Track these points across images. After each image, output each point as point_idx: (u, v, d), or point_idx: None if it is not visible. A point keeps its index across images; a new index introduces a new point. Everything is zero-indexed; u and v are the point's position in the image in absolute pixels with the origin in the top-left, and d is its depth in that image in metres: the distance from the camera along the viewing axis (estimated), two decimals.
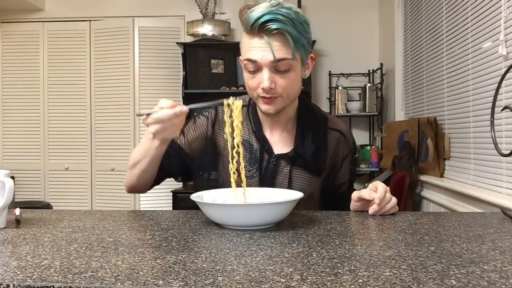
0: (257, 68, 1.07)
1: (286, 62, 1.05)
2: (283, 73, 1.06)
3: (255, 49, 1.04)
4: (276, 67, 1.05)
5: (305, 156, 1.17)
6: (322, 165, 1.21)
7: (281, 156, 1.18)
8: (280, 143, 1.20)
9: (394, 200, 1.05)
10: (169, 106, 0.96)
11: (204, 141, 1.22)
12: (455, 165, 2.39)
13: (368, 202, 1.06)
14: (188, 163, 1.22)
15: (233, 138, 1.02)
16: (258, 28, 1.02)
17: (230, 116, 1.03)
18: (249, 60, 1.06)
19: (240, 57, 1.14)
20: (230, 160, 1.01)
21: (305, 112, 1.23)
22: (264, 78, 1.05)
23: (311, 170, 1.19)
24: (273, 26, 1.01)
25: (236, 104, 1.03)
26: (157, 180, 1.21)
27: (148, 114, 0.96)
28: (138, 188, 1.21)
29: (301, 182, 1.18)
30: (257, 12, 1.03)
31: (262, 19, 1.01)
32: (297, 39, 1.04)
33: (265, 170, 1.18)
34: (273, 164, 1.18)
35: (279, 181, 1.17)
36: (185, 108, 0.97)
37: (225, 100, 1.04)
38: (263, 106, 1.11)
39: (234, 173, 1.00)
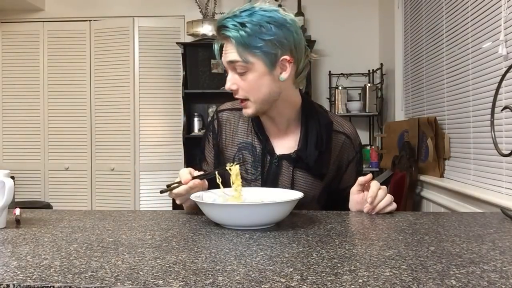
0: (226, 69, 1.14)
1: (239, 65, 1.09)
2: (241, 75, 1.11)
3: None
4: (234, 68, 1.11)
5: (307, 161, 1.16)
6: (325, 170, 1.20)
7: (283, 157, 1.18)
8: (282, 143, 1.20)
9: (388, 197, 1.05)
10: (184, 181, 1.04)
11: (213, 152, 1.29)
12: (455, 165, 2.39)
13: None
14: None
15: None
16: (217, 34, 1.13)
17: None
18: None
19: None
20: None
21: (309, 113, 1.22)
22: (227, 79, 1.13)
23: (313, 174, 1.18)
24: (222, 31, 1.10)
25: (233, 170, 1.05)
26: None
27: (171, 189, 1.06)
28: None
29: (303, 184, 1.18)
30: (220, 18, 1.12)
31: (217, 25, 1.11)
32: (245, 42, 1.06)
33: (267, 172, 1.18)
34: (275, 165, 1.18)
35: (282, 183, 1.17)
36: (197, 181, 1.05)
37: (227, 165, 1.07)
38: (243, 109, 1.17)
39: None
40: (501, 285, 0.57)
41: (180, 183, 1.05)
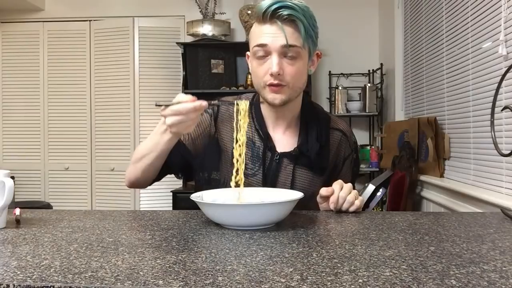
0: (266, 53, 1.09)
1: (295, 49, 1.08)
2: (292, 60, 1.09)
3: (266, 35, 1.08)
4: (285, 53, 1.08)
5: (309, 154, 1.17)
6: (325, 164, 1.21)
7: (284, 155, 1.18)
8: (283, 141, 1.20)
9: (350, 197, 1.05)
10: (189, 100, 0.97)
11: (208, 138, 1.21)
12: (455, 165, 2.39)
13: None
14: (190, 160, 1.21)
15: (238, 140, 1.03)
16: (270, 15, 1.06)
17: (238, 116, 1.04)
18: (259, 45, 1.09)
19: (248, 52, 1.16)
20: (235, 162, 1.01)
21: (309, 111, 1.23)
22: (273, 63, 1.07)
23: (314, 169, 1.19)
24: (285, 12, 1.05)
25: (241, 105, 1.04)
26: (159, 176, 1.20)
27: (167, 106, 0.96)
28: (139, 182, 1.20)
29: (303, 181, 1.18)
30: (268, 0, 1.07)
31: (275, 6, 1.05)
32: (307, 28, 1.08)
33: (268, 169, 1.18)
34: (276, 162, 1.18)
35: (281, 180, 1.17)
36: (205, 103, 0.97)
37: (236, 101, 1.06)
38: (269, 95, 1.12)
39: (236, 171, 1.01)
40: (501, 285, 0.57)
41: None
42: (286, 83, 1.10)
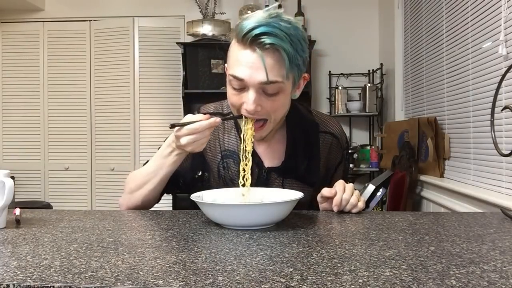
0: (243, 86, 0.97)
1: (277, 85, 0.96)
2: (272, 95, 0.97)
3: (244, 65, 0.94)
4: (265, 88, 0.96)
5: (296, 171, 1.13)
6: (315, 179, 1.16)
7: (272, 169, 1.14)
8: (269, 154, 1.15)
9: (353, 199, 1.01)
10: (203, 117, 0.93)
11: (192, 155, 1.13)
12: (455, 165, 2.39)
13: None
14: (178, 179, 1.18)
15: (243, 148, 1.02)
16: (251, 40, 0.92)
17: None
18: (235, 77, 0.96)
19: (226, 65, 1.03)
20: (241, 176, 1.01)
21: (294, 118, 1.16)
22: (249, 100, 0.96)
23: (303, 181, 1.15)
24: (268, 41, 0.90)
25: (248, 121, 1.01)
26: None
27: (182, 126, 0.95)
28: (140, 209, 1.17)
29: None
30: (252, 21, 0.92)
31: (257, 31, 0.90)
32: (292, 58, 0.94)
33: (256, 185, 1.12)
34: (264, 178, 1.13)
35: None
36: (218, 119, 0.95)
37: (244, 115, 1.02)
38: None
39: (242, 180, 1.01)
40: (501, 285, 0.57)
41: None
42: (265, 117, 1.01)
